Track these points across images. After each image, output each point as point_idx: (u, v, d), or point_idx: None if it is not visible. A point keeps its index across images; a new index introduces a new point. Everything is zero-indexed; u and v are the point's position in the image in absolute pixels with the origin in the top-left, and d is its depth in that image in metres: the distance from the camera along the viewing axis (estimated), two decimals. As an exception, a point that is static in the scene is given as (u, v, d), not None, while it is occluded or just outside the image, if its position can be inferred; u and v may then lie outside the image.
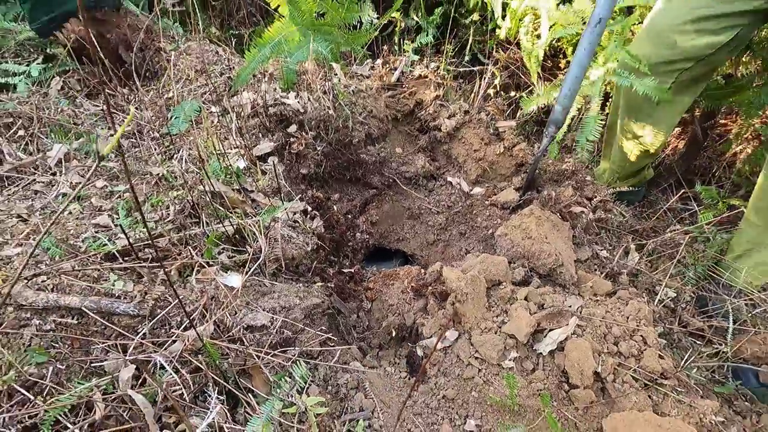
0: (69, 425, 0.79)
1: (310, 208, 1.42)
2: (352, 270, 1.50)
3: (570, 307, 1.28)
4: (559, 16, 2.18)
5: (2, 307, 0.87)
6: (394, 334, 1.26)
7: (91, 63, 1.93)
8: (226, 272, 1.10)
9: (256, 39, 1.80)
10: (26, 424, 0.76)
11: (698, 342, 1.59)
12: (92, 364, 0.88)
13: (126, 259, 1.06)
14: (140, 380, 0.88)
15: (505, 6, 2.42)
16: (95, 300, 0.92)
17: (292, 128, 1.65)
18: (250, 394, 0.95)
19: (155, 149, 1.56)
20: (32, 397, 0.79)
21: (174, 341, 0.92)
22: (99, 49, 1.89)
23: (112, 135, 1.64)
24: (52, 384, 0.82)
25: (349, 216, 1.77)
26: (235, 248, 1.21)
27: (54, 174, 1.43)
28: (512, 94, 2.15)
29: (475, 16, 2.63)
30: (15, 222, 1.14)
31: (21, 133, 1.54)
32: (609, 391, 1.13)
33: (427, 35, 1.92)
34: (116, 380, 0.86)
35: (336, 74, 1.80)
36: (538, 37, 2.38)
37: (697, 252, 1.74)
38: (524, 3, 2.34)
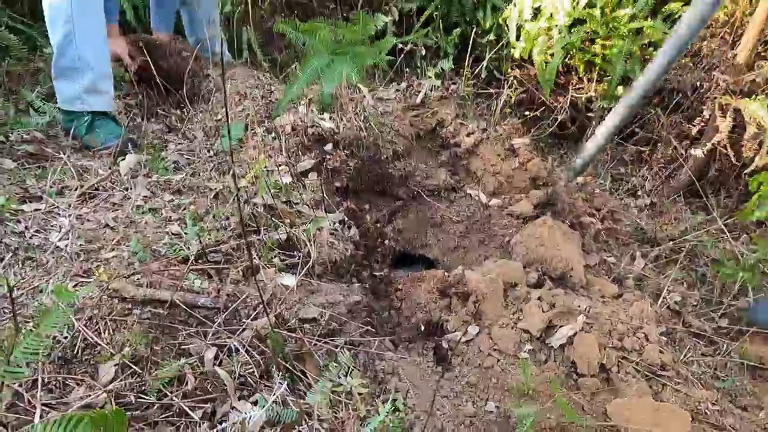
0: (168, 393, 0.99)
1: (346, 218, 1.61)
2: (383, 273, 1.69)
3: (579, 307, 1.44)
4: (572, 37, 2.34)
5: (111, 299, 1.08)
6: (422, 329, 1.44)
7: (149, 88, 2.17)
8: (281, 273, 1.30)
9: (293, 72, 2.01)
10: (138, 391, 0.96)
11: (700, 342, 1.73)
12: (181, 347, 1.08)
13: (199, 261, 1.27)
14: (219, 360, 1.08)
15: (519, 27, 2.60)
16: (181, 294, 1.13)
17: (328, 146, 1.86)
18: (304, 375, 1.14)
19: (209, 166, 1.78)
20: (140, 371, 0.99)
21: (244, 329, 1.12)
22: (156, 75, 2.14)
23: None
24: (153, 360, 1.02)
25: (378, 225, 1.96)
26: (285, 253, 1.40)
27: (126, 189, 1.65)
28: (527, 113, 2.32)
29: (492, 36, 2.81)
30: (105, 231, 1.36)
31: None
32: (613, 380, 1.29)
33: (447, 61, 2.11)
34: (201, 360, 1.06)
35: (365, 97, 2.01)
36: (552, 56, 2.55)
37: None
38: (539, 25, 2.52)
